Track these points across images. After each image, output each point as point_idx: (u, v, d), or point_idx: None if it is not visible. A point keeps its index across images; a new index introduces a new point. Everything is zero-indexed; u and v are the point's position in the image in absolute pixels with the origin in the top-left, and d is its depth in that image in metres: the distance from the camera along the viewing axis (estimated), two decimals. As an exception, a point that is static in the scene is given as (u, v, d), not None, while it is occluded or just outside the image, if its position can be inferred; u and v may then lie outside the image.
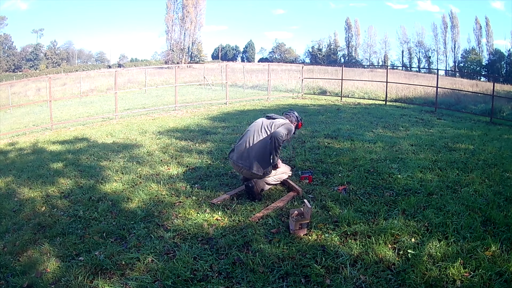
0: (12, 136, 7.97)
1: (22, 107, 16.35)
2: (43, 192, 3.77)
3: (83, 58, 62.87)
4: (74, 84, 24.14)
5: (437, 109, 9.97)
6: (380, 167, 4.04)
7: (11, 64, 52.39)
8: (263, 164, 3.21)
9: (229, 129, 6.74)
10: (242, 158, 3.26)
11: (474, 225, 2.65)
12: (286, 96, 13.42)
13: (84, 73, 32.57)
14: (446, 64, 52.54)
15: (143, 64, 51.84)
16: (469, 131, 6.62)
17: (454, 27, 51.38)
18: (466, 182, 3.59)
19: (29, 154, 5.70)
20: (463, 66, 50.89)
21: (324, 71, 23.32)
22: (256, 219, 2.86)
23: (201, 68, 29.42)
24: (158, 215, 3.05)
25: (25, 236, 2.82)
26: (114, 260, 2.37)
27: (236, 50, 70.98)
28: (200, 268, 2.24)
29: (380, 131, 6.32)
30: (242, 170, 3.29)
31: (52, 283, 2.19)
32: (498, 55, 48.71)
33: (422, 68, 50.13)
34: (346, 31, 60.91)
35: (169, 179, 3.95)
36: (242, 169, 3.28)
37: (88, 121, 9.26)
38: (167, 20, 50.91)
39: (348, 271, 2.16)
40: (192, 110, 10.09)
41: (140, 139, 6.19)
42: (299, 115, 3.57)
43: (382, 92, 12.95)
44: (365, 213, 2.91)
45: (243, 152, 3.27)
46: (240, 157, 3.28)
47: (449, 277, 2.07)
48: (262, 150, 3.22)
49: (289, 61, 57.81)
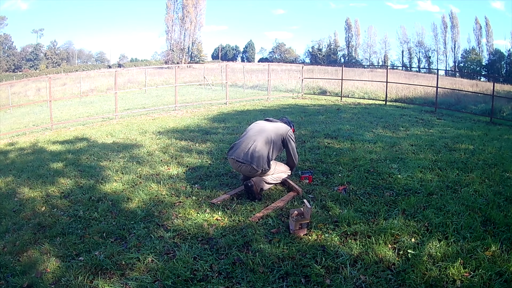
0: (12, 136, 7.97)
1: (22, 107, 16.36)
2: (43, 192, 3.77)
3: (83, 58, 62.91)
4: (74, 84, 24.15)
5: (437, 109, 9.97)
6: (380, 167, 4.04)
7: (11, 64, 52.40)
8: (262, 161, 3.24)
9: (229, 129, 6.74)
10: (243, 154, 3.28)
11: (474, 225, 2.65)
12: (286, 96, 13.42)
13: (84, 73, 32.58)
14: (446, 64, 52.60)
15: (143, 64, 51.85)
16: (469, 131, 6.63)
17: (454, 27, 51.42)
18: (466, 182, 3.59)
19: (29, 154, 5.70)
20: (463, 66, 50.90)
21: (324, 71, 23.33)
22: (256, 219, 2.86)
23: (201, 68, 29.42)
24: (158, 215, 3.05)
25: (25, 236, 2.82)
26: (114, 260, 2.37)
27: (236, 50, 71.00)
28: (200, 268, 2.24)
29: (380, 131, 6.32)
30: (241, 166, 3.30)
31: (52, 283, 2.19)
32: (498, 55, 48.73)
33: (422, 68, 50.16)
34: (346, 31, 60.95)
35: (169, 179, 3.95)
36: (241, 166, 3.29)
37: (88, 121, 9.27)
38: (167, 20, 50.95)
39: (348, 271, 2.16)
40: (192, 110, 10.09)
41: (140, 139, 6.19)
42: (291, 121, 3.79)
43: (382, 92, 12.95)
44: (365, 213, 2.91)
45: (244, 150, 3.29)
46: (241, 154, 3.30)
47: (449, 277, 2.07)
48: (264, 148, 3.27)
49: (289, 61, 57.84)
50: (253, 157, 3.23)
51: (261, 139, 3.31)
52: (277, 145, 3.39)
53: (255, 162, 3.21)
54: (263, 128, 3.42)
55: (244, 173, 3.35)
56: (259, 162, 3.22)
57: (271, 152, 3.31)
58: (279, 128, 3.44)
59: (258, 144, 3.28)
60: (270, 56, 66.99)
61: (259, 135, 3.34)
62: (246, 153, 3.26)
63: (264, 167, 3.25)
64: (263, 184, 3.33)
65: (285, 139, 3.45)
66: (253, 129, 3.44)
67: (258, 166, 3.22)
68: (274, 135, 3.36)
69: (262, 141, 3.30)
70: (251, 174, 3.28)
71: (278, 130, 3.42)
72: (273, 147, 3.33)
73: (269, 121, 3.54)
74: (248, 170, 3.27)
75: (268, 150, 3.29)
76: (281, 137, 3.42)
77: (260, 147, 3.26)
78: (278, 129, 3.43)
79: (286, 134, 3.45)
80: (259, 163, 3.22)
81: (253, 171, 3.24)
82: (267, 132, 3.36)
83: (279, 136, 3.41)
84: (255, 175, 3.28)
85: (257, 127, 3.46)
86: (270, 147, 3.30)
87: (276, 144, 3.37)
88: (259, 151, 3.25)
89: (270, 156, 3.31)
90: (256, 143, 3.28)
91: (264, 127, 3.42)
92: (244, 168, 3.29)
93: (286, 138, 3.45)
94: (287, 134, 3.46)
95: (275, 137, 3.36)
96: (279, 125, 3.48)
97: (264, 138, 3.31)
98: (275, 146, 3.35)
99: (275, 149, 3.37)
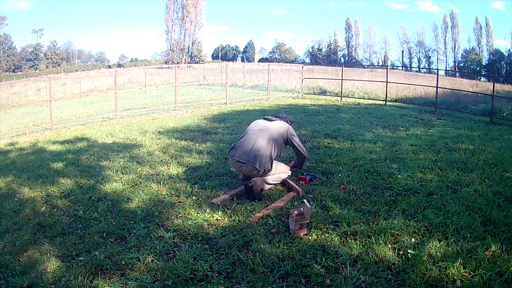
0: (12, 136, 7.97)
1: (22, 107, 16.36)
2: (43, 192, 3.77)
3: (83, 58, 62.92)
4: (74, 84, 24.15)
5: (437, 109, 9.97)
6: (380, 167, 4.04)
7: (11, 64, 52.41)
8: (265, 161, 3.23)
9: (229, 129, 6.74)
10: (245, 154, 3.27)
11: (474, 225, 2.65)
12: (286, 96, 13.41)
13: (84, 73, 32.58)
14: (446, 64, 52.61)
15: (143, 64, 51.84)
16: (469, 131, 6.62)
17: (454, 27, 51.44)
18: (466, 182, 3.59)
19: (29, 154, 5.70)
20: (463, 66, 50.91)
21: (324, 71, 23.34)
22: (256, 219, 2.86)
23: (201, 68, 29.41)
24: (158, 215, 3.05)
25: (25, 236, 2.82)
26: (114, 260, 2.37)
27: (236, 50, 71.00)
28: (200, 268, 2.24)
29: (380, 131, 6.32)
30: (243, 167, 3.29)
31: (52, 283, 2.19)
32: (498, 55, 48.74)
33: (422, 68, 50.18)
34: (346, 31, 60.96)
35: (169, 179, 3.95)
36: (243, 166, 3.28)
37: (88, 121, 9.27)
38: (167, 20, 50.95)
39: (348, 271, 2.16)
40: (192, 110, 10.09)
41: (140, 139, 6.19)
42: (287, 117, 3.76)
43: (382, 92, 12.94)
44: (365, 213, 2.91)
45: (246, 150, 3.28)
46: (242, 154, 3.29)
47: (449, 277, 2.07)
48: (265, 148, 3.26)
49: (289, 61, 57.85)
50: (255, 157, 3.22)
51: (262, 138, 3.30)
52: (279, 143, 3.39)
53: (257, 162, 3.20)
54: (263, 127, 3.41)
55: (245, 173, 3.34)
56: (261, 162, 3.21)
57: (273, 151, 3.31)
58: (280, 127, 3.43)
59: (259, 143, 3.27)
60: (270, 56, 67.00)
61: (260, 134, 3.33)
62: (248, 153, 3.25)
63: (267, 167, 3.24)
64: (264, 184, 3.32)
65: (287, 137, 3.45)
66: (253, 129, 3.43)
67: (261, 166, 3.21)
68: (275, 134, 3.36)
69: (264, 141, 3.29)
70: (253, 174, 3.27)
71: (279, 128, 3.42)
72: (274, 146, 3.32)
73: (269, 120, 3.54)
74: (249, 170, 3.26)
75: (271, 150, 3.28)
76: (282, 135, 3.41)
77: (262, 146, 3.26)
78: (279, 127, 3.42)
79: (287, 132, 3.44)
80: (261, 163, 3.21)
81: (255, 171, 3.24)
82: (268, 131, 3.35)
83: (281, 135, 3.40)
84: (257, 176, 3.27)
85: (257, 126, 3.45)
86: (272, 146, 3.30)
87: (278, 143, 3.37)
88: (261, 151, 3.24)
89: (273, 155, 3.31)
90: (257, 143, 3.27)
91: (265, 126, 3.41)
92: (246, 168, 3.28)
93: (289, 135, 3.45)
94: (288, 131, 3.45)
95: (276, 136, 3.36)
96: (279, 123, 3.47)
97: (266, 138, 3.30)
98: (276, 145, 3.35)
99: (277, 148, 3.37)
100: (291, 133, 3.47)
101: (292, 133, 3.49)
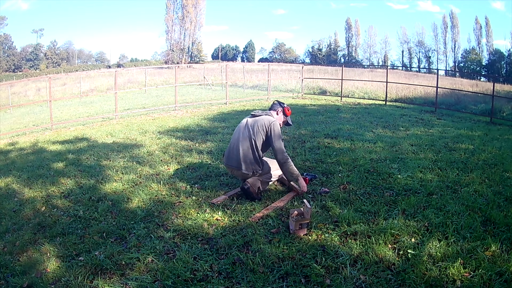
0: (12, 136, 7.97)
1: (22, 107, 16.36)
2: (43, 192, 3.77)
3: (83, 58, 62.94)
4: (74, 84, 24.16)
5: (437, 109, 9.97)
6: (380, 167, 4.04)
7: (11, 64, 52.42)
8: (250, 163, 3.21)
9: (229, 129, 6.74)
10: (231, 159, 3.28)
11: (474, 225, 2.65)
12: (286, 96, 13.41)
13: (84, 73, 32.58)
14: (446, 64, 52.62)
15: (143, 64, 51.83)
16: (469, 131, 6.62)
17: (454, 27, 51.45)
18: (466, 182, 3.59)
19: (29, 154, 5.70)
20: (463, 66, 50.91)
21: (324, 71, 23.32)
22: (256, 219, 2.86)
23: (201, 68, 29.40)
24: (158, 215, 3.05)
25: (25, 236, 2.82)
26: (114, 260, 2.37)
27: (236, 50, 71.00)
28: (200, 268, 2.24)
29: (380, 131, 6.31)
30: (233, 171, 3.32)
31: (52, 283, 2.19)
32: (498, 55, 48.75)
33: (422, 68, 50.17)
34: (346, 31, 60.99)
35: (169, 179, 3.95)
36: (234, 170, 3.31)
37: (88, 121, 9.27)
38: (167, 20, 50.96)
39: (348, 271, 2.16)
40: (192, 110, 10.09)
41: (140, 139, 6.19)
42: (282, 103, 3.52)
43: (382, 92, 12.94)
44: (365, 213, 2.91)
45: (231, 155, 3.29)
46: (229, 159, 3.30)
47: (449, 277, 2.07)
48: (247, 150, 3.22)
49: (289, 61, 57.86)
50: (239, 162, 3.21)
51: (244, 140, 3.23)
52: (264, 141, 3.24)
53: (243, 166, 3.19)
54: (245, 127, 3.27)
55: (238, 176, 3.36)
56: (247, 165, 3.20)
57: (257, 152, 3.21)
58: (263, 123, 3.23)
59: (241, 147, 3.22)
60: (270, 56, 67.01)
61: (242, 136, 3.24)
62: (234, 158, 3.26)
63: (254, 169, 3.21)
64: (260, 184, 3.29)
65: (268, 131, 3.22)
66: (237, 131, 3.34)
67: (248, 169, 3.20)
68: (256, 132, 3.21)
69: (245, 143, 3.22)
70: (245, 177, 3.26)
71: (263, 125, 3.23)
72: (258, 145, 3.21)
73: (254, 116, 3.34)
74: (240, 174, 3.27)
75: (253, 151, 3.20)
76: (265, 131, 3.22)
77: (243, 150, 3.21)
78: (262, 123, 3.23)
79: (270, 127, 3.22)
80: (247, 166, 3.20)
81: (244, 174, 3.23)
82: (249, 131, 3.23)
83: (264, 131, 3.22)
84: (250, 177, 3.26)
85: (241, 127, 3.33)
86: (254, 147, 3.20)
87: (263, 140, 3.23)
88: (244, 154, 3.20)
89: (257, 156, 3.22)
90: (240, 147, 3.22)
91: (247, 126, 3.27)
92: (236, 172, 3.30)
93: (270, 129, 3.21)
94: (271, 125, 3.22)
95: (258, 134, 3.21)
96: (263, 119, 3.26)
97: (247, 139, 3.21)
98: (259, 144, 3.22)
99: (263, 146, 3.25)
100: (272, 128, 3.22)
101: (273, 128, 3.22)
